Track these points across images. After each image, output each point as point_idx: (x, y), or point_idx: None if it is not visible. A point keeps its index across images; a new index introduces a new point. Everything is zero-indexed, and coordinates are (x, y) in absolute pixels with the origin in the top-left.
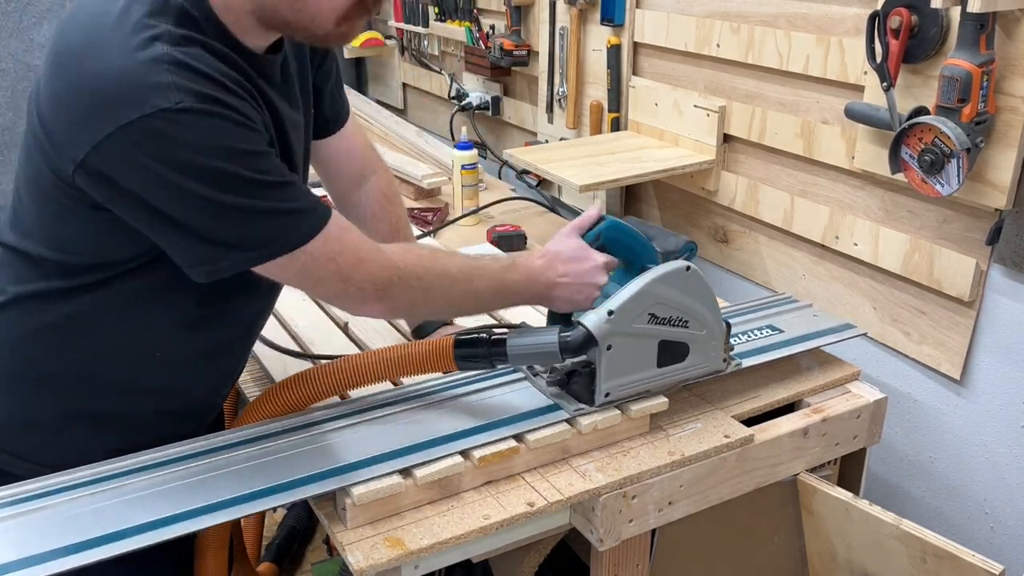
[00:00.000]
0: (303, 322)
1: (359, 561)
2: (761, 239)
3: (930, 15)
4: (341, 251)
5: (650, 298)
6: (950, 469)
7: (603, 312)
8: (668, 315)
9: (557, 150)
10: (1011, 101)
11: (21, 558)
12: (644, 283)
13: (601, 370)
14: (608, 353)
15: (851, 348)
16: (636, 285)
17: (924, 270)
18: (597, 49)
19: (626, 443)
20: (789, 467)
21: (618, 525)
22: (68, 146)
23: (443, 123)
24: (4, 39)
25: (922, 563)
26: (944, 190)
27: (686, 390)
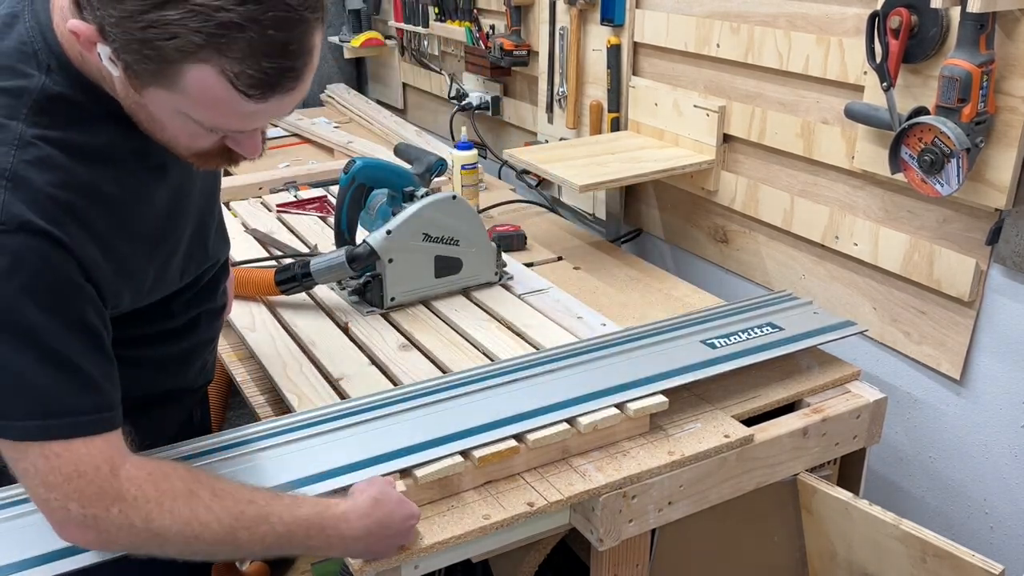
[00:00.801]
0: (302, 323)
1: (359, 561)
2: (761, 239)
3: (930, 15)
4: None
5: (422, 220)
6: (950, 469)
7: (383, 231)
8: (440, 235)
9: (557, 150)
10: (1011, 101)
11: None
12: (416, 208)
13: (386, 280)
14: (391, 266)
15: (851, 348)
16: (410, 210)
17: (924, 270)
18: (597, 49)
19: (626, 443)
20: (789, 467)
21: (618, 525)
22: None
23: (443, 123)
24: None
25: (922, 563)
26: (944, 190)
27: (686, 390)
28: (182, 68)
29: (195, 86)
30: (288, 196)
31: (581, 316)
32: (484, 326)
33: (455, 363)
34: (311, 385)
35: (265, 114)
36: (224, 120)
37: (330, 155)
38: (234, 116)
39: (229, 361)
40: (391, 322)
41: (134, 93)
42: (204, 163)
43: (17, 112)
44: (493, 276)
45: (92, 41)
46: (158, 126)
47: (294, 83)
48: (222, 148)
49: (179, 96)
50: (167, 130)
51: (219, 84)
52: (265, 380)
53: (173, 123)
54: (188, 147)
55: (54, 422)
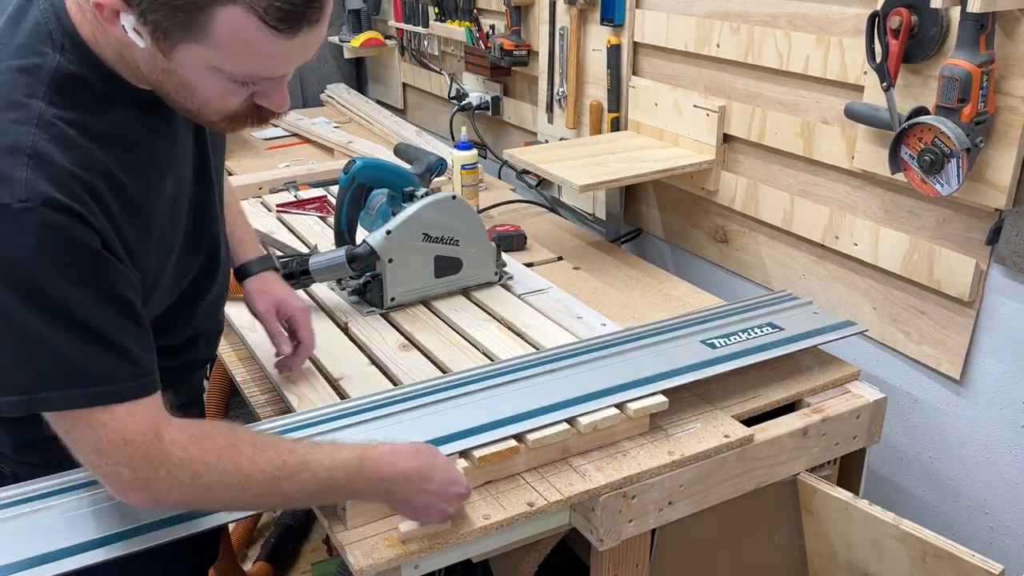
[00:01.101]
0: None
1: (359, 561)
2: (761, 239)
3: (930, 15)
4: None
5: (422, 220)
6: (950, 469)
7: (383, 231)
8: (440, 235)
9: (557, 150)
10: (1011, 101)
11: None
12: (416, 208)
13: (386, 280)
14: (391, 266)
15: (851, 348)
16: (410, 210)
17: (924, 270)
18: (597, 49)
19: (626, 443)
20: (789, 467)
21: (618, 525)
22: None
23: (443, 123)
24: None
25: (922, 563)
26: (944, 190)
27: (686, 390)
28: (212, 13)
29: (225, 30)
30: (288, 196)
31: (581, 316)
32: (484, 326)
33: (455, 363)
34: (311, 385)
35: (294, 54)
36: (255, 65)
37: (330, 155)
38: (266, 59)
39: (229, 361)
40: (391, 322)
41: (162, 60)
42: (235, 126)
43: (36, 90)
44: (493, 276)
45: (116, 11)
46: (188, 91)
47: (318, 14)
48: (252, 107)
49: (210, 48)
50: (197, 93)
51: (249, 23)
52: (265, 380)
53: (204, 83)
54: (219, 109)
55: (96, 389)
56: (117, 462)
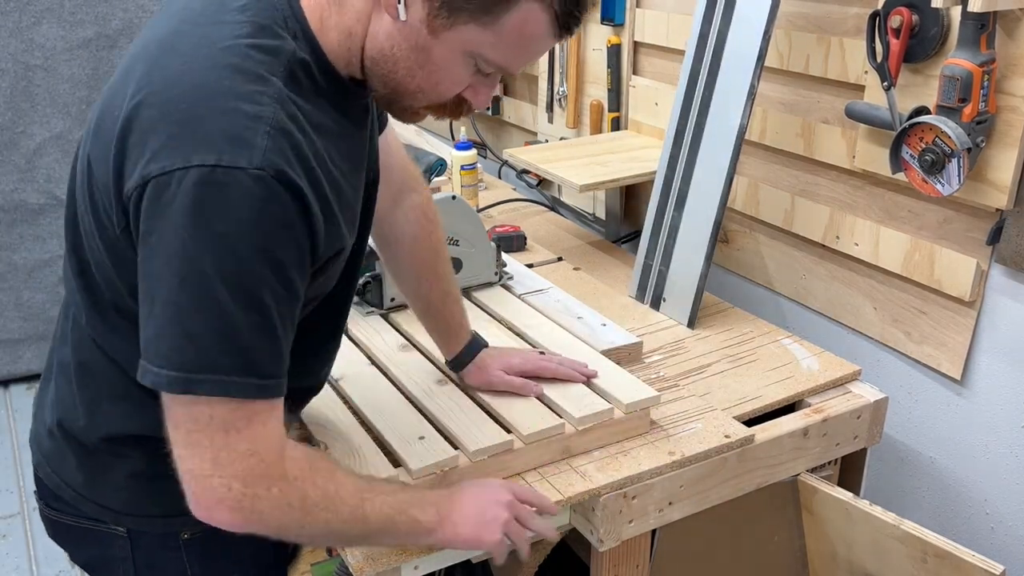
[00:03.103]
0: None
1: (359, 561)
2: (761, 239)
3: (931, 15)
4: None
5: None
6: (950, 469)
7: None
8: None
9: (557, 150)
10: (1012, 101)
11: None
12: None
13: (386, 280)
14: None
15: (852, 348)
16: None
17: (925, 270)
18: (597, 49)
19: (626, 443)
20: (789, 467)
21: (618, 525)
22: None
23: (443, 123)
24: (3, 39)
25: (922, 563)
26: (945, 190)
27: (686, 390)
28: (518, 3)
29: (517, 22)
30: None
31: (581, 316)
32: (484, 326)
33: None
34: None
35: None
36: (518, 58)
37: None
38: (530, 55)
39: None
40: (391, 322)
41: (424, 35)
42: (440, 114)
43: (276, 70)
44: (493, 276)
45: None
46: (426, 72)
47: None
48: (458, 99)
49: (489, 34)
50: (437, 74)
51: (541, 20)
52: None
53: (453, 66)
54: (441, 95)
55: (250, 381)
56: (233, 475)
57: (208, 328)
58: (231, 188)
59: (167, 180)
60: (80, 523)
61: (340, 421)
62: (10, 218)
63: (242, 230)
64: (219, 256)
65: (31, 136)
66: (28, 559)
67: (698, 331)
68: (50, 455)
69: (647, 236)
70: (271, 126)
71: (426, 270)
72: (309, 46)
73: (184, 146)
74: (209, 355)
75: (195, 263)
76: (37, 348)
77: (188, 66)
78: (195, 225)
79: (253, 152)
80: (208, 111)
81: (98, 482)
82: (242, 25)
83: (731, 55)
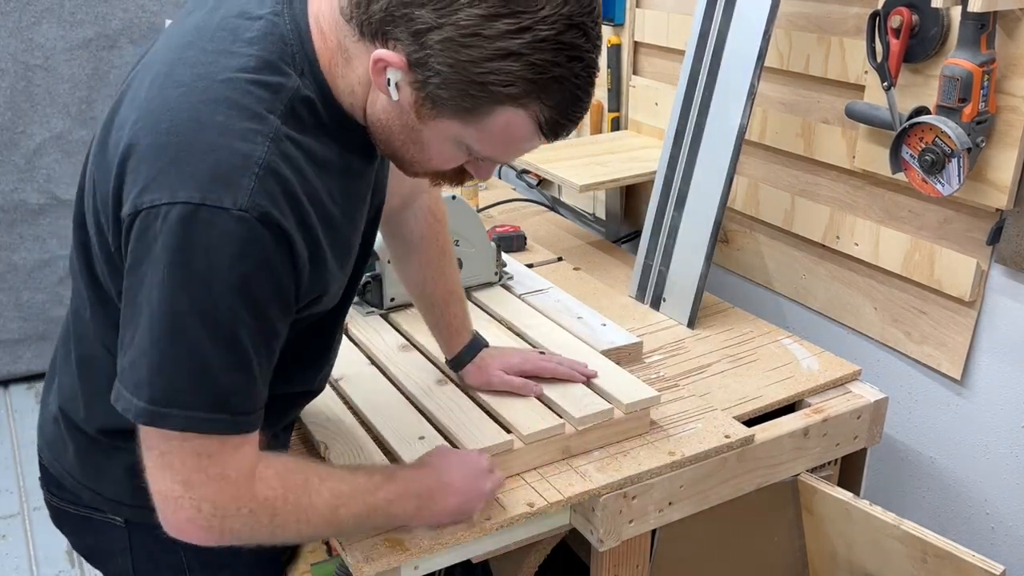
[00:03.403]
0: None
1: (359, 561)
2: (761, 239)
3: (931, 15)
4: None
5: None
6: (950, 469)
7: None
8: None
9: (557, 150)
10: (1012, 101)
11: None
12: None
13: (386, 280)
14: (390, 266)
15: (852, 348)
16: None
17: (925, 270)
18: None
19: (626, 443)
20: (789, 467)
21: (618, 525)
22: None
23: None
24: (3, 39)
25: (922, 563)
26: (945, 190)
27: (686, 390)
28: (499, 109)
29: (500, 124)
30: None
31: (581, 316)
32: (484, 326)
33: None
34: None
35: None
36: (507, 154)
37: None
38: (518, 151)
39: None
40: (391, 322)
41: (411, 118)
42: (438, 181)
43: (275, 107)
44: (493, 276)
45: (394, 66)
46: (417, 147)
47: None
48: (459, 170)
49: (472, 129)
50: (427, 153)
51: (525, 126)
52: None
53: (441, 148)
54: (435, 168)
55: (222, 417)
56: (203, 497)
57: (181, 364)
58: (213, 228)
59: (154, 213)
60: (80, 511)
61: (340, 421)
62: (10, 218)
63: (220, 270)
64: (196, 295)
65: (31, 136)
66: (28, 559)
67: (698, 331)
68: (52, 442)
69: (647, 236)
70: (260, 167)
71: (432, 268)
72: (316, 83)
73: (172, 180)
74: (179, 391)
75: (173, 300)
76: (37, 348)
77: (186, 97)
78: (175, 263)
79: (239, 193)
80: (199, 146)
81: (96, 472)
82: (248, 58)
83: (731, 55)
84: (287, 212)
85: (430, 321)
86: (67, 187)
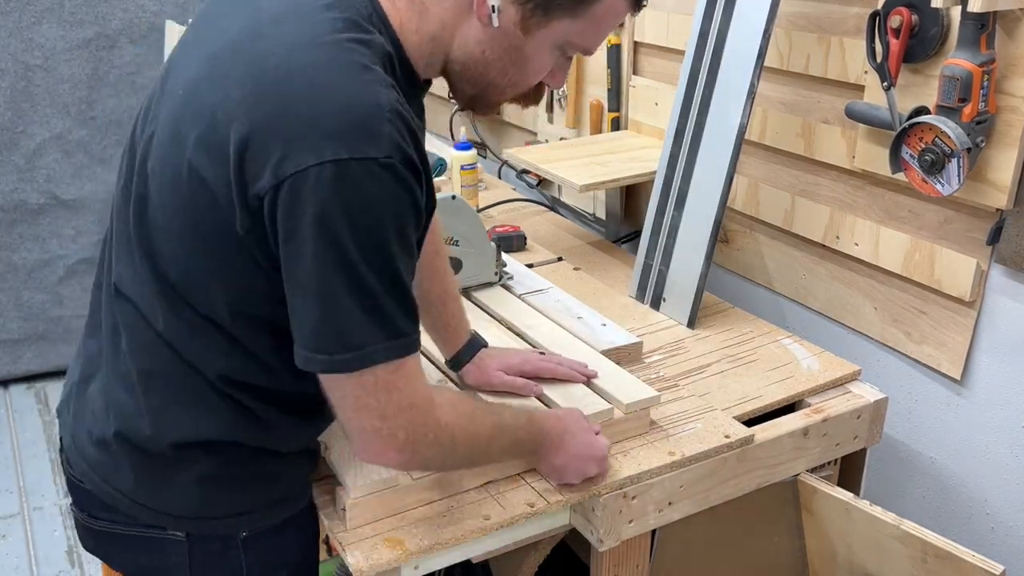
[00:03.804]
0: None
1: (359, 561)
2: (761, 239)
3: (930, 15)
4: (402, 387)
5: None
6: (950, 469)
7: None
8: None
9: (557, 150)
10: (1012, 101)
11: None
12: None
13: None
14: None
15: (852, 348)
16: None
17: (925, 270)
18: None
19: (626, 443)
20: (789, 467)
21: (618, 525)
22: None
23: (443, 123)
24: (3, 39)
25: (922, 563)
26: (945, 190)
27: (686, 390)
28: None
29: (603, 9)
30: None
31: (581, 316)
32: (484, 326)
33: None
34: None
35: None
36: (600, 38)
37: None
38: (608, 33)
39: None
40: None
41: (516, 35)
42: (524, 102)
43: (375, 60)
44: (493, 276)
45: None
46: (517, 67)
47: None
48: (538, 85)
49: (581, 22)
50: (529, 67)
51: (622, 3)
52: None
53: (543, 57)
54: (530, 84)
55: (407, 340)
56: (399, 425)
57: (363, 308)
58: (366, 179)
59: (302, 178)
60: (132, 531)
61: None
62: (10, 218)
63: (382, 218)
64: (362, 245)
65: (31, 136)
66: (28, 559)
67: (698, 331)
68: (99, 466)
69: (647, 236)
70: (390, 112)
71: (425, 267)
72: (392, 42)
73: (312, 143)
74: (369, 331)
75: (342, 254)
76: (37, 348)
77: (293, 65)
78: (337, 220)
79: (380, 141)
80: (328, 106)
81: (160, 489)
82: (334, 21)
83: (731, 55)
84: (414, 148)
85: (426, 322)
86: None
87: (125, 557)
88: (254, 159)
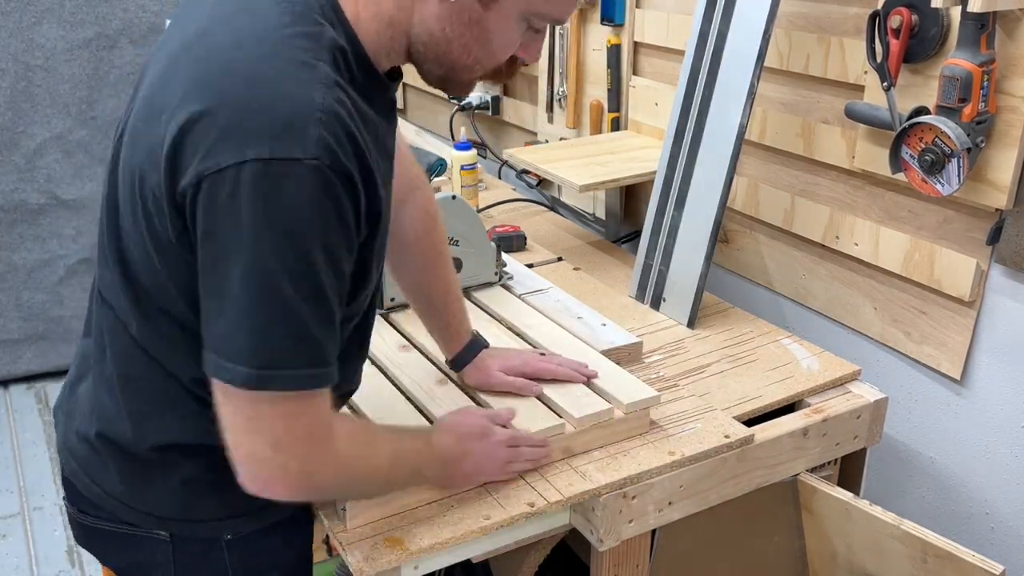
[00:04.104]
0: None
1: (359, 561)
2: (761, 239)
3: (930, 15)
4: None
5: None
6: (950, 469)
7: None
8: None
9: (557, 150)
10: (1011, 101)
11: None
12: None
13: (386, 280)
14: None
15: (852, 348)
16: None
17: (924, 270)
18: (597, 49)
19: (626, 443)
20: (789, 467)
21: (618, 525)
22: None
23: (443, 123)
24: (3, 39)
25: (922, 563)
26: (944, 190)
27: (686, 390)
28: None
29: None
30: None
31: (581, 316)
32: (484, 326)
33: None
34: None
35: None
36: (565, 9)
37: None
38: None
39: None
40: (391, 322)
41: (477, 10)
42: (496, 79)
43: (321, 56)
44: (493, 276)
45: None
46: (481, 43)
47: None
48: (511, 59)
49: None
50: (494, 41)
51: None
52: None
53: (507, 31)
54: (498, 60)
55: (319, 371)
56: (291, 456)
57: (277, 324)
58: (288, 181)
59: (222, 177)
60: (119, 528)
61: None
62: (10, 218)
63: (303, 224)
64: (281, 251)
65: (31, 136)
66: (28, 559)
67: (698, 331)
68: (87, 465)
69: (647, 236)
70: (322, 111)
71: (428, 267)
72: (345, 34)
73: (237, 140)
74: (281, 352)
75: (259, 260)
76: (37, 348)
77: (231, 62)
78: (255, 222)
79: (307, 141)
80: (256, 103)
81: (144, 490)
82: (282, 15)
83: (731, 55)
84: (350, 154)
85: (428, 322)
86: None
87: (113, 553)
88: (182, 156)
